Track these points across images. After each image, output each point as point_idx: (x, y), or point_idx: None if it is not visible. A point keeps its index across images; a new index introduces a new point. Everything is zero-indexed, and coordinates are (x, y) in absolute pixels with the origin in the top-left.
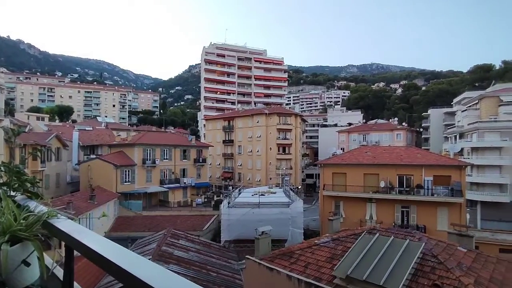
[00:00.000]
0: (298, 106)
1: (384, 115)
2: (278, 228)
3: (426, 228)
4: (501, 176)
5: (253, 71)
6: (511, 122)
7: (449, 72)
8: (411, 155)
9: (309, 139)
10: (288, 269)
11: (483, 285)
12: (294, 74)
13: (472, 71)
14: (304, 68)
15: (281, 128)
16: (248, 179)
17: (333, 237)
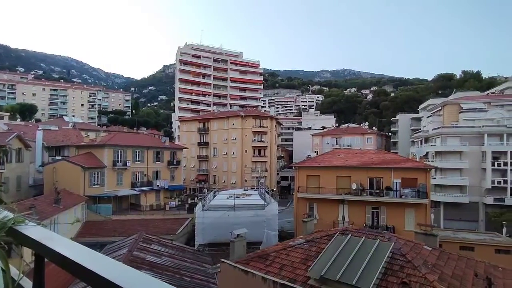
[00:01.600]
0: (273, 109)
1: (356, 119)
2: (253, 231)
3: (395, 228)
4: (461, 178)
5: (229, 73)
6: (470, 128)
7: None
8: (381, 158)
9: (284, 141)
10: (264, 271)
11: (446, 281)
12: (270, 78)
13: (435, 80)
14: (279, 72)
15: (256, 131)
16: (223, 181)
17: (307, 239)
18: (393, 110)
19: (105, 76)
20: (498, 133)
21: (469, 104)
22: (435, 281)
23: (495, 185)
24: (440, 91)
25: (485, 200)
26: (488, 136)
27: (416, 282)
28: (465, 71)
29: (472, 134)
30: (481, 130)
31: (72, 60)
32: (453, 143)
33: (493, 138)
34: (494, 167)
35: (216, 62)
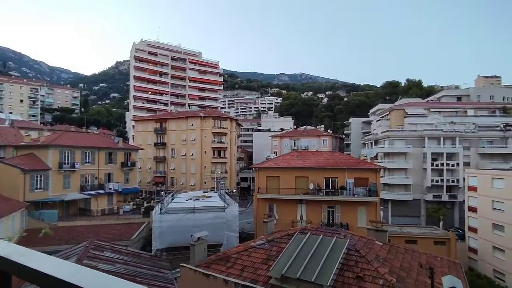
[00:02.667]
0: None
1: (312, 122)
2: (213, 233)
3: (349, 225)
4: (406, 177)
5: (188, 72)
6: (413, 132)
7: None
8: (336, 160)
9: (244, 143)
10: (225, 273)
11: (395, 273)
12: (230, 79)
13: (384, 86)
14: (239, 73)
15: (216, 132)
16: (182, 183)
17: (268, 239)
18: (346, 113)
19: (49, 70)
20: (436, 137)
21: (412, 109)
22: (386, 274)
23: (434, 183)
24: (388, 97)
25: (426, 197)
26: (428, 139)
27: (370, 276)
28: (409, 80)
29: (415, 137)
30: (422, 134)
31: (9, 51)
32: (399, 145)
33: (432, 141)
34: (433, 167)
35: (174, 61)
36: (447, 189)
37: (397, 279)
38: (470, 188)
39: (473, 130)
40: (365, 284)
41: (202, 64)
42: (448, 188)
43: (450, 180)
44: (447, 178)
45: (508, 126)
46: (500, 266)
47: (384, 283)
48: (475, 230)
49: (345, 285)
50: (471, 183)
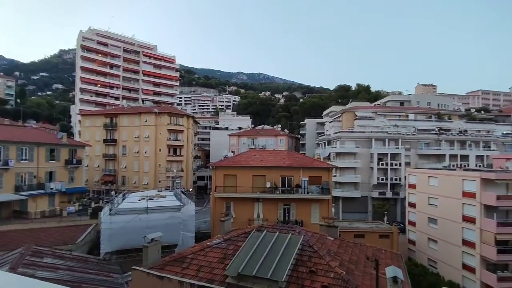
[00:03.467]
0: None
1: (270, 121)
2: (168, 233)
3: (303, 222)
4: (355, 176)
5: (142, 66)
6: (362, 133)
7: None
8: (292, 159)
9: (201, 141)
10: (180, 275)
11: (345, 265)
12: (186, 75)
13: (336, 89)
14: (196, 70)
15: (172, 129)
16: (134, 182)
17: (225, 238)
18: (302, 114)
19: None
20: (382, 138)
21: (362, 112)
22: (336, 267)
23: (380, 181)
24: (340, 100)
25: (372, 194)
26: (375, 140)
27: (322, 269)
28: (359, 84)
29: (364, 139)
30: (370, 135)
31: None
32: (350, 145)
33: (378, 142)
34: (379, 166)
35: (126, 53)
36: (391, 187)
37: (347, 271)
38: (410, 186)
39: (413, 133)
40: (318, 277)
41: (157, 58)
42: (391, 186)
43: (393, 178)
44: (391, 176)
45: (441, 130)
46: (433, 255)
47: (335, 276)
48: (414, 224)
49: (299, 280)
50: (411, 181)
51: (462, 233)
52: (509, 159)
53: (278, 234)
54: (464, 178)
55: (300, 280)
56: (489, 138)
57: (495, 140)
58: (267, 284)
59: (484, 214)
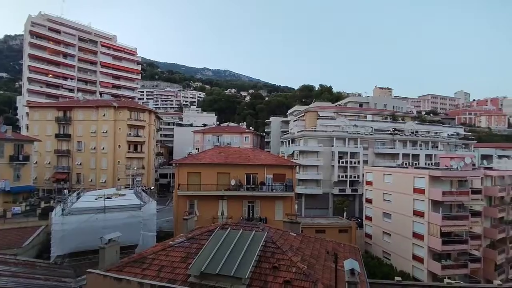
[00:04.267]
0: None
1: (235, 119)
2: (128, 234)
3: (267, 219)
4: (317, 174)
5: (100, 56)
6: (324, 132)
7: (285, 88)
8: (257, 156)
9: (164, 137)
10: (140, 276)
11: (307, 260)
12: (149, 68)
13: (300, 89)
14: (159, 64)
15: (132, 124)
16: (91, 180)
17: (188, 236)
18: (267, 112)
19: None
20: (342, 137)
21: (324, 112)
22: (298, 262)
23: (340, 178)
24: (304, 100)
25: (333, 191)
26: (336, 139)
27: (284, 265)
28: (322, 85)
29: (325, 137)
30: (331, 134)
31: None
32: (312, 144)
33: (339, 141)
34: (339, 164)
35: (82, 42)
36: (350, 184)
37: (308, 266)
38: (367, 183)
39: (370, 133)
40: (280, 273)
41: (117, 49)
42: (351, 183)
43: (352, 175)
44: (350, 174)
45: (396, 131)
46: (387, 247)
47: (297, 271)
48: (370, 219)
49: (262, 276)
50: (368, 178)
51: (412, 227)
52: (453, 158)
53: (242, 232)
54: (415, 176)
55: (263, 276)
56: (436, 139)
57: (441, 140)
58: (231, 281)
59: (432, 209)
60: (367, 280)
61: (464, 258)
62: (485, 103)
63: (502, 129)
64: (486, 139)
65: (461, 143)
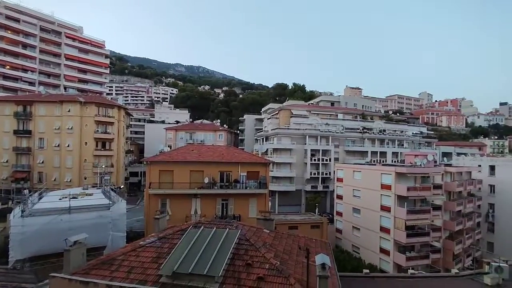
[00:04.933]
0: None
1: (209, 116)
2: (96, 235)
3: (241, 216)
4: (291, 171)
5: (64, 48)
6: (297, 130)
7: (260, 85)
8: (231, 154)
9: (134, 134)
10: (109, 278)
11: (279, 256)
12: (118, 62)
13: (274, 87)
14: (129, 58)
15: (100, 121)
16: (54, 179)
17: (159, 236)
18: (241, 110)
19: None
20: (315, 135)
21: (297, 111)
22: (271, 258)
23: (312, 175)
24: (278, 98)
25: (306, 188)
26: (309, 137)
27: (257, 262)
28: (295, 83)
29: (299, 135)
30: (304, 132)
31: None
32: (286, 142)
33: (312, 139)
34: (312, 161)
35: (45, 32)
36: (322, 181)
37: (281, 262)
38: (338, 179)
39: (341, 131)
40: (254, 269)
41: (83, 41)
42: (322, 180)
43: (324, 172)
44: (322, 171)
45: (365, 129)
46: (357, 241)
47: (270, 267)
48: (341, 214)
49: (235, 274)
50: (339, 175)
51: (380, 221)
52: (417, 156)
53: (215, 230)
54: (382, 172)
55: (236, 273)
56: (402, 137)
57: (407, 139)
58: (204, 280)
59: (397, 204)
60: (337, 274)
61: (426, 250)
62: (446, 104)
63: (461, 128)
64: (446, 137)
65: (424, 141)
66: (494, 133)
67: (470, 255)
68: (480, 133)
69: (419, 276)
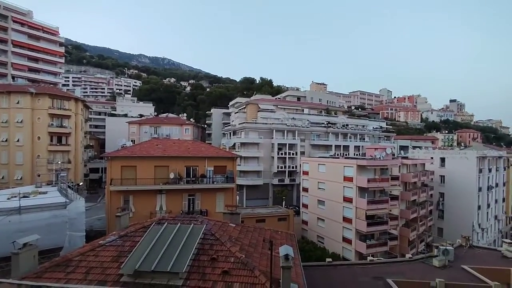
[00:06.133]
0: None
1: (175, 110)
2: (51, 236)
3: (208, 211)
4: (258, 165)
5: (11, 34)
6: (264, 125)
7: (227, 79)
8: (197, 148)
9: (94, 128)
10: (64, 280)
11: (245, 249)
12: (75, 51)
13: (242, 81)
14: (88, 47)
15: (55, 114)
16: (2, 177)
17: (120, 234)
18: (209, 104)
19: None
20: (281, 130)
21: (264, 105)
22: (236, 252)
23: (279, 169)
24: (245, 92)
25: (273, 181)
26: (276, 131)
27: (223, 256)
28: (262, 78)
29: (266, 130)
30: (271, 127)
31: None
32: (253, 136)
33: (279, 133)
34: (279, 155)
35: None
36: (288, 174)
37: (246, 255)
38: (304, 173)
39: (307, 125)
40: (219, 264)
41: (33, 27)
42: (289, 173)
43: (290, 166)
44: (289, 164)
45: (329, 124)
46: (321, 232)
47: (235, 260)
48: (306, 206)
49: (200, 269)
50: (304, 169)
51: (343, 212)
52: (377, 149)
53: (180, 226)
54: (345, 165)
55: (201, 268)
56: (364, 131)
57: (368, 133)
58: (168, 277)
59: (359, 195)
60: (301, 264)
61: (385, 237)
62: (404, 100)
63: (416, 123)
64: (404, 131)
65: (384, 135)
66: (445, 128)
67: (423, 240)
68: (433, 128)
69: (377, 262)
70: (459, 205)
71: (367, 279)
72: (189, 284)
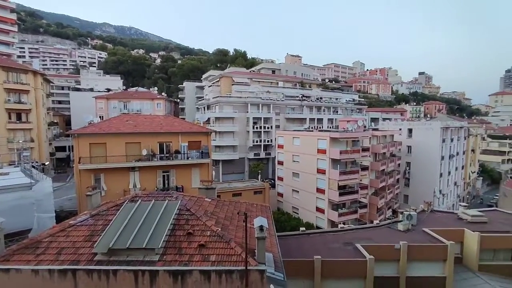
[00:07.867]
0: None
1: (145, 83)
2: (17, 218)
3: (184, 187)
4: (234, 139)
5: None
6: (239, 98)
7: (200, 51)
8: (170, 124)
9: (58, 104)
10: (34, 262)
11: (221, 223)
12: (29, 19)
13: (215, 53)
14: (44, 14)
15: (11, 88)
16: None
17: (92, 213)
18: (181, 77)
19: None
20: (256, 103)
21: (239, 78)
22: (212, 225)
23: (255, 143)
24: (219, 64)
25: (249, 155)
26: (251, 105)
27: (199, 230)
28: (236, 50)
29: (241, 103)
30: (246, 100)
31: None
32: (228, 110)
33: (254, 107)
34: (254, 129)
35: None
36: (264, 148)
37: (222, 228)
38: (279, 146)
39: (282, 99)
40: (195, 238)
41: None
42: (264, 147)
43: (266, 140)
44: (264, 138)
45: (304, 97)
46: (296, 203)
47: (211, 234)
48: (282, 179)
49: (176, 243)
50: (280, 142)
51: (316, 183)
52: (349, 122)
53: (154, 202)
54: (318, 138)
55: (177, 243)
56: (337, 104)
57: (341, 106)
58: (143, 253)
59: (331, 166)
60: (276, 234)
61: (355, 206)
62: (376, 73)
63: (387, 96)
64: (375, 104)
65: (356, 108)
66: (414, 100)
67: (390, 207)
68: (402, 100)
69: (348, 229)
70: (424, 173)
71: (338, 245)
72: (166, 259)
